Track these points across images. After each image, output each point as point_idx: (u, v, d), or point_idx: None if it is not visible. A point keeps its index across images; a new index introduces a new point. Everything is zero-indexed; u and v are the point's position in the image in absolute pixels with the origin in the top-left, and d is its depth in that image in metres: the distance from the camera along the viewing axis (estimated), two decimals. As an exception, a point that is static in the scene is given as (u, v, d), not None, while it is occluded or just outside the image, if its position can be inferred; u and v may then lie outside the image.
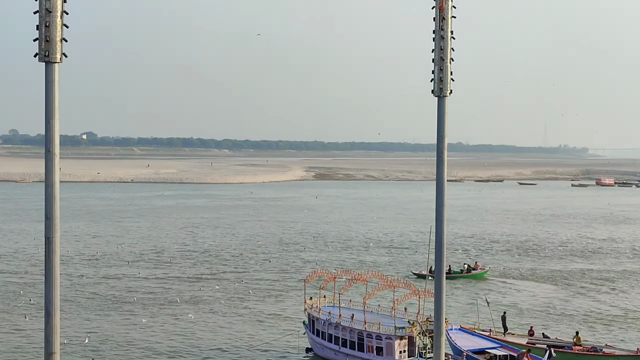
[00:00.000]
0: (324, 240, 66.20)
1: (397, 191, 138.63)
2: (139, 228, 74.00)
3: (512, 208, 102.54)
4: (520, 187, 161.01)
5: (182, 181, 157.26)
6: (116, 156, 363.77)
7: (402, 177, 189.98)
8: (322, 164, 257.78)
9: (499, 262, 55.77)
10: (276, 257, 56.95)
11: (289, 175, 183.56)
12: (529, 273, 51.55)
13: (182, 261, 54.34)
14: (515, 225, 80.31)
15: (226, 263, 54.00)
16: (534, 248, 63.21)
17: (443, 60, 17.08)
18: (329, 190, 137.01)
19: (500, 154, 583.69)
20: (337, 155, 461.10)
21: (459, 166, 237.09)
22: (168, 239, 65.74)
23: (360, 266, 51.89)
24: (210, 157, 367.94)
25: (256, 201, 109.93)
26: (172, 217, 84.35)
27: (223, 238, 67.08)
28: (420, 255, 58.58)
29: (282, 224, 79.15)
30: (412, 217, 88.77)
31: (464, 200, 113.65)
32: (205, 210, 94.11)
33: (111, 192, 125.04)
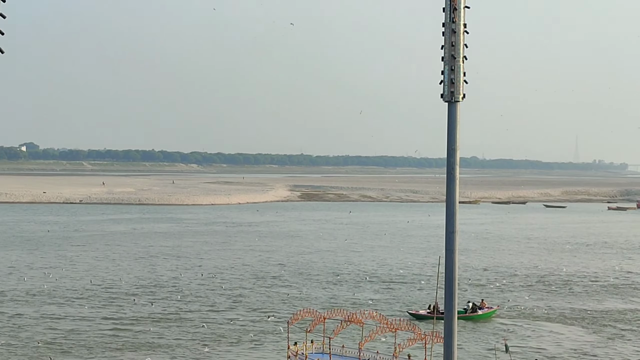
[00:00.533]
0: (308, 274, 66.07)
1: (399, 215, 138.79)
2: (85, 258, 73.67)
3: (536, 235, 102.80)
4: (546, 211, 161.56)
5: (141, 202, 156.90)
6: (62, 172, 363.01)
7: (406, 198, 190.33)
8: (309, 181, 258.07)
9: (517, 299, 55.77)
10: (251, 293, 56.75)
11: (269, 195, 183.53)
12: (554, 313, 51.54)
13: (136, 298, 54.05)
14: (538, 256, 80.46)
15: (190, 300, 53.74)
16: (559, 283, 63.28)
17: (454, 59, 17.14)
18: (317, 214, 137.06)
19: (522, 170, 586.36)
20: (328, 172, 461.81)
21: (474, 185, 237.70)
22: (120, 272, 65.44)
23: (351, 304, 51.78)
24: (175, 173, 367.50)
25: (229, 226, 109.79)
26: (126, 246, 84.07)
27: (186, 270, 66.86)
28: (424, 291, 58.55)
29: (259, 253, 79.02)
30: (416, 246, 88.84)
31: (478, 226, 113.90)
32: (166, 237, 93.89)
33: (55, 215, 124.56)
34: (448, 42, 17.23)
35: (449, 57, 17.34)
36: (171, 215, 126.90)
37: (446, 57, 17.37)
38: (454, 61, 17.31)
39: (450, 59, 17.33)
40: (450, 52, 17.32)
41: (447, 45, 17.34)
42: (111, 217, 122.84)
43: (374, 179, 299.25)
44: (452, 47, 17.29)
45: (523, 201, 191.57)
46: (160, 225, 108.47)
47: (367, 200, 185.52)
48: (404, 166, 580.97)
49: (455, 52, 17.30)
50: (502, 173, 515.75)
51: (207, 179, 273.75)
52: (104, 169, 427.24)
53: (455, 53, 17.31)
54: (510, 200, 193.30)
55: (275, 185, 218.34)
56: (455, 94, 17.25)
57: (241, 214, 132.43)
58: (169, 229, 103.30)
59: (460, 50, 17.30)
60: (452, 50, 17.31)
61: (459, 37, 17.21)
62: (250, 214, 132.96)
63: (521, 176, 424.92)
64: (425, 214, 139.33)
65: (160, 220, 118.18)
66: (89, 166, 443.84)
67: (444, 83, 17.40)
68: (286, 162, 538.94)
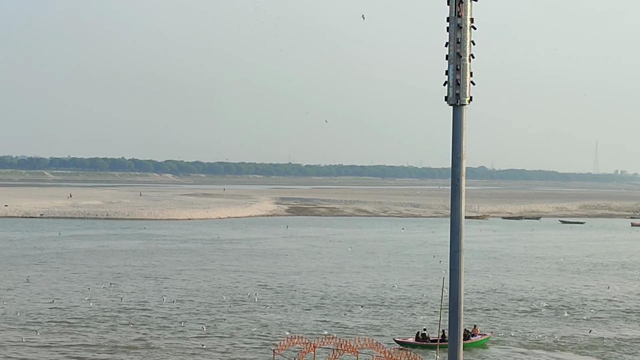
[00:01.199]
0: (292, 296, 65.93)
1: (398, 231, 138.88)
2: (42, 279, 73.36)
3: (549, 255, 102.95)
4: (562, 227, 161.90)
5: (110, 216, 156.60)
6: (21, 182, 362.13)
7: (406, 213, 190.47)
8: (298, 193, 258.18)
9: (520, 325, 55.78)
10: (228, 318, 56.53)
11: (253, 209, 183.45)
12: (560, 341, 51.51)
13: (95, 324, 53.79)
14: (549, 278, 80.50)
15: (157, 326, 53.50)
16: (569, 308, 63.23)
17: (460, 57, 17.16)
18: (306, 230, 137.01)
19: (536, 182, 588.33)
20: (319, 183, 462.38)
21: (482, 198, 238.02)
22: (79, 294, 65.17)
23: (341, 331, 51.68)
24: (148, 184, 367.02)
25: (206, 243, 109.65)
26: (89, 265, 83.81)
27: (155, 293, 66.63)
28: (421, 317, 58.47)
29: (239, 274, 78.86)
30: (415, 266, 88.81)
31: (484, 244, 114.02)
32: (135, 255, 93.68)
33: (11, 230, 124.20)
34: (453, 38, 17.24)
35: (454, 55, 17.38)
36: (142, 231, 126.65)
37: (451, 56, 17.40)
38: (459, 60, 17.36)
39: (456, 57, 17.37)
40: (455, 49, 17.36)
41: (452, 42, 17.36)
42: (75, 233, 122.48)
43: (371, 191, 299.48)
44: (457, 44, 17.33)
45: (537, 216, 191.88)
46: (129, 242, 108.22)
47: (363, 214, 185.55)
48: (404, 177, 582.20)
49: (461, 50, 17.33)
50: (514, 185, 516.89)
51: (184, 191, 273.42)
52: (68, 179, 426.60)
53: (461, 51, 17.35)
54: (523, 215, 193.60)
55: (260, 198, 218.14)
56: (460, 97, 17.28)
57: (221, 230, 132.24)
58: (139, 247, 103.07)
59: (466, 48, 17.33)
60: (457, 48, 17.34)
61: (465, 33, 17.24)
62: (231, 230, 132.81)
63: (535, 188, 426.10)
64: (427, 230, 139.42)
65: (129, 236, 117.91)
66: (51, 176, 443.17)
67: (449, 84, 17.42)
68: (272, 172, 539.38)
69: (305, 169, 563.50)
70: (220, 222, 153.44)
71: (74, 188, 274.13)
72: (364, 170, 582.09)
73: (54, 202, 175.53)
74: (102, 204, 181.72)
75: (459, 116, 17.82)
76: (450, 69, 17.62)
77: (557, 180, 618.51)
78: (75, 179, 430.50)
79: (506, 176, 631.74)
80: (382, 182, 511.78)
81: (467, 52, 17.57)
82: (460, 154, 17.83)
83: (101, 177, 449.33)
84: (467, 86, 17.70)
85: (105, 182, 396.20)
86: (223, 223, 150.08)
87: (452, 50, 17.56)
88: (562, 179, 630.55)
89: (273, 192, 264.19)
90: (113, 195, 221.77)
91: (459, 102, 17.65)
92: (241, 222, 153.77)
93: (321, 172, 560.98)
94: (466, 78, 17.65)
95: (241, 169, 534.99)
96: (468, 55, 17.58)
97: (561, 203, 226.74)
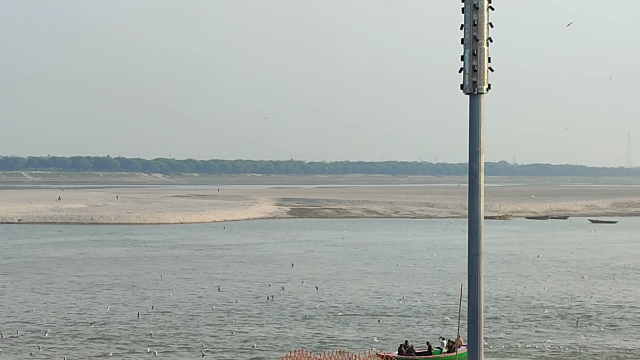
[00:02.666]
0: (280, 307, 65.87)
1: (409, 233, 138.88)
2: (7, 291, 73.49)
3: (574, 258, 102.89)
4: (592, 227, 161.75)
5: (94, 221, 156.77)
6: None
7: (420, 213, 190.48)
8: (301, 193, 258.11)
9: (538, 336, 55.75)
10: (213, 331, 56.45)
11: (252, 211, 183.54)
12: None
13: (66, 339, 53.90)
14: (567, 283, 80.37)
15: (135, 341, 53.55)
16: (593, 316, 63.16)
17: (477, 41, 17.11)
18: (308, 234, 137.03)
19: (563, 177, 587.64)
20: (324, 182, 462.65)
21: (503, 196, 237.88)
22: (49, 308, 65.25)
23: (330, 344, 51.67)
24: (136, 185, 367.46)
25: (197, 249, 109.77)
26: (62, 275, 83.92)
27: (133, 305, 66.61)
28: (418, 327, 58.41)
29: (223, 283, 78.83)
30: (418, 272, 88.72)
31: (503, 247, 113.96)
32: (117, 263, 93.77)
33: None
34: (469, 20, 17.17)
35: (471, 39, 17.31)
36: (128, 237, 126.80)
37: (467, 40, 17.33)
38: (476, 44, 17.28)
39: (472, 41, 17.30)
40: (471, 32, 17.28)
41: (467, 25, 17.29)
42: (54, 239, 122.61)
43: (381, 190, 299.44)
44: (473, 27, 17.26)
45: (564, 215, 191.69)
46: (113, 250, 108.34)
47: (373, 216, 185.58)
48: (417, 174, 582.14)
49: (477, 33, 17.26)
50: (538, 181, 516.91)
51: (176, 192, 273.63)
52: (48, 180, 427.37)
53: (478, 34, 17.27)
54: (548, 214, 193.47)
55: (259, 199, 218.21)
56: (478, 84, 17.21)
57: (215, 235, 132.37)
58: (122, 254, 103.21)
59: (483, 31, 17.26)
60: (474, 31, 17.27)
61: (483, 15, 17.17)
62: (226, 235, 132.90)
63: (561, 185, 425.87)
64: (443, 232, 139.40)
65: (113, 242, 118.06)
66: (29, 177, 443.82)
67: (465, 71, 17.35)
68: (272, 170, 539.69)
69: (309, 166, 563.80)
70: (216, 226, 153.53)
71: (55, 190, 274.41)
72: (373, 167, 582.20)
73: (33, 206, 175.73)
74: (86, 207, 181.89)
75: (477, 106, 17.73)
76: (466, 54, 17.52)
77: (586, 176, 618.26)
78: (57, 180, 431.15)
79: (530, 171, 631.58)
80: (393, 180, 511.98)
81: (484, 35, 17.46)
82: (478, 148, 17.75)
83: (84, 178, 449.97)
84: (485, 73, 17.60)
85: (89, 183, 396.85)
86: (218, 227, 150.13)
87: (468, 33, 17.46)
88: (592, 174, 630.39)
89: (273, 192, 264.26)
90: (98, 197, 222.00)
91: (476, 91, 17.55)
92: (238, 225, 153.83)
93: (326, 170, 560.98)
94: (484, 64, 17.54)
95: (238, 167, 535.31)
96: (485, 38, 17.47)
97: (590, 201, 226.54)
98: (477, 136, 17.64)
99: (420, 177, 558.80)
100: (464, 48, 17.47)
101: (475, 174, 17.64)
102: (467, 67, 17.41)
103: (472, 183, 17.77)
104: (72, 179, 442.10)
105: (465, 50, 17.44)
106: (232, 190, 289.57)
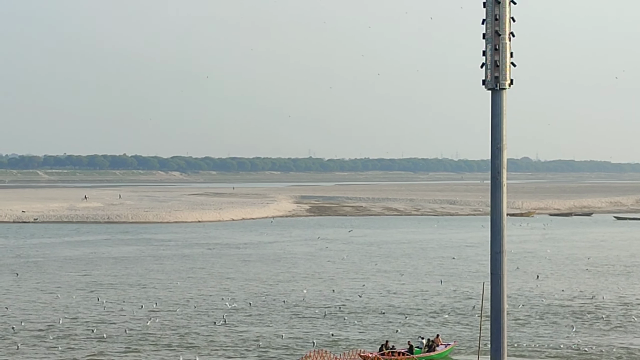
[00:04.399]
0: (282, 306, 65.93)
1: (428, 231, 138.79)
2: (11, 291, 73.92)
3: (594, 255, 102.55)
4: (616, 224, 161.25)
5: (111, 220, 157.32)
6: (12, 183, 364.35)
7: (441, 211, 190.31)
8: (320, 191, 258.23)
9: (546, 335, 55.65)
10: (213, 332, 56.57)
11: (270, 209, 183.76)
12: (594, 351, 51.35)
13: (64, 338, 54.23)
14: (589, 281, 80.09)
15: (135, 341, 53.74)
16: (604, 315, 62.98)
17: (499, 36, 17.13)
18: (324, 232, 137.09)
19: (587, 174, 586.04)
20: (343, 179, 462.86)
21: (526, 193, 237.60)
22: (49, 307, 65.66)
23: (329, 343, 51.81)
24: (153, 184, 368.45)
25: (212, 248, 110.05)
26: (71, 274, 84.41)
27: (130, 304, 66.95)
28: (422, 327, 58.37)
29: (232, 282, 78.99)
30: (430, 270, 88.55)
31: (524, 244, 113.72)
32: (126, 263, 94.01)
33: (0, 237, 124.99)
34: (491, 14, 17.19)
35: (492, 33, 17.33)
36: (143, 236, 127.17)
37: (489, 34, 17.35)
38: (498, 39, 17.29)
39: (494, 35, 17.31)
40: (493, 27, 17.31)
41: (489, 19, 17.32)
42: (69, 238, 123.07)
43: (401, 187, 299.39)
44: (495, 22, 17.28)
45: (588, 212, 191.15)
46: (125, 249, 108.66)
47: (393, 213, 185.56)
48: (439, 170, 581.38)
49: (499, 28, 17.28)
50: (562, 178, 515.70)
51: (193, 190, 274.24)
52: (64, 178, 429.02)
53: (500, 28, 17.29)
54: (572, 211, 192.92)
55: (278, 197, 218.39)
56: (500, 80, 17.22)
57: (233, 233, 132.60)
58: (133, 253, 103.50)
59: (505, 26, 17.27)
60: (495, 26, 17.29)
61: (504, 9, 17.18)
62: (243, 233, 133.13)
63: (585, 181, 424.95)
64: (465, 230, 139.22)
65: (128, 242, 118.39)
66: (45, 176, 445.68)
67: (487, 66, 17.37)
68: (291, 168, 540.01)
69: (328, 163, 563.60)
70: (234, 224, 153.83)
71: (70, 189, 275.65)
72: (394, 164, 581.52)
73: (49, 205, 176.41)
74: (103, 206, 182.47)
75: (499, 102, 17.74)
76: (487, 50, 17.52)
77: (611, 172, 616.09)
78: (72, 178, 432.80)
79: (553, 168, 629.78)
80: (414, 177, 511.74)
81: (506, 30, 17.46)
82: (500, 144, 17.75)
83: (101, 177, 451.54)
84: (507, 68, 17.59)
85: (105, 182, 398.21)
86: (236, 225, 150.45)
87: (489, 28, 17.47)
88: (616, 170, 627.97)
89: (292, 190, 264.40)
90: (114, 196, 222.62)
91: (498, 86, 17.56)
92: (256, 224, 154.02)
93: (345, 167, 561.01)
94: (506, 59, 17.54)
95: (256, 164, 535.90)
96: (507, 33, 17.46)
97: (615, 197, 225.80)
98: (499, 132, 17.65)
99: (441, 174, 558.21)
100: (486, 43, 17.48)
101: (497, 171, 17.64)
102: (489, 62, 17.42)
103: (494, 180, 17.77)
104: (88, 177, 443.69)
105: (487, 45, 17.45)
106: (250, 188, 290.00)
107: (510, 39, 17.37)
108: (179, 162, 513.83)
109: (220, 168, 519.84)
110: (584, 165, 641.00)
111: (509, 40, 17.35)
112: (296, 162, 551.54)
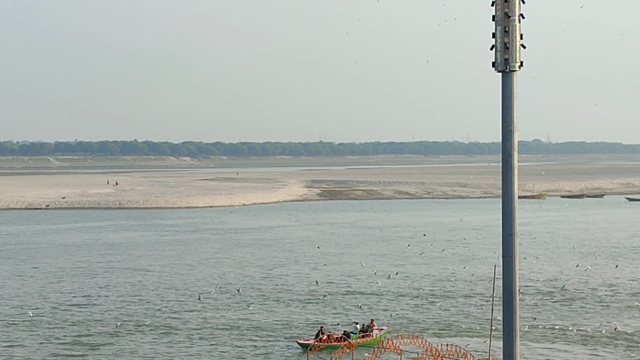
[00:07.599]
0: (273, 291, 66.28)
1: (441, 214, 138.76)
2: (10, 277, 74.37)
3: (598, 237, 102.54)
4: (628, 205, 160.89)
5: (122, 205, 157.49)
6: (23, 170, 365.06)
7: (452, 194, 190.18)
8: (331, 175, 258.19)
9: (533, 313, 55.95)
10: (189, 317, 56.88)
11: (281, 193, 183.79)
12: (570, 331, 51.69)
13: (56, 323, 54.53)
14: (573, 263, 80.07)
15: (135, 326, 54.04)
16: (597, 295, 63.26)
17: (508, 17, 17.08)
18: (334, 216, 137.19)
19: (598, 155, 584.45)
20: (354, 163, 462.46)
21: (537, 175, 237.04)
22: (28, 292, 66.11)
23: (313, 327, 52.10)
24: (164, 169, 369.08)
25: (217, 233, 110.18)
26: (74, 259, 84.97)
27: (122, 289, 67.47)
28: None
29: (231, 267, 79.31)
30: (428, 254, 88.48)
31: (532, 226, 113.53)
32: (128, 248, 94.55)
33: (9, 224, 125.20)
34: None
35: (502, 15, 17.28)
36: (153, 221, 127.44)
37: (498, 16, 17.30)
38: (507, 20, 17.25)
39: (504, 17, 17.26)
40: (503, 9, 17.25)
41: (499, 1, 17.27)
42: (78, 224, 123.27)
43: (412, 171, 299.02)
44: (505, 4, 17.22)
45: (600, 194, 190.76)
46: (132, 234, 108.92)
47: (404, 197, 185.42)
48: (449, 153, 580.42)
49: (509, 10, 17.23)
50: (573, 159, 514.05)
51: (204, 175, 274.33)
52: (75, 165, 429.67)
53: (510, 10, 17.24)
54: (584, 193, 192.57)
55: (289, 181, 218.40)
56: (510, 62, 17.19)
57: (242, 218, 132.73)
58: (139, 239, 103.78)
59: (515, 7, 17.23)
60: (505, 7, 17.24)
61: (514, -10, 17.15)
62: (253, 218, 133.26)
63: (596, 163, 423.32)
64: (476, 212, 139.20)
65: (137, 227, 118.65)
66: (56, 162, 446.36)
67: (496, 49, 17.33)
68: (301, 152, 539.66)
69: (338, 147, 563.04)
70: (244, 209, 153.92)
71: (79, 175, 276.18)
72: (404, 148, 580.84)
73: (60, 192, 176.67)
74: (114, 191, 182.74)
75: (509, 84, 17.71)
76: (497, 31, 17.47)
77: (622, 153, 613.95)
78: (84, 164, 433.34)
79: (564, 150, 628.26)
80: (425, 160, 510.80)
81: (516, 11, 17.42)
82: (511, 127, 17.73)
83: (112, 162, 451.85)
84: (517, 50, 17.55)
85: (116, 167, 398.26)
86: (247, 210, 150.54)
87: (499, 10, 17.42)
88: (628, 152, 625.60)
89: (303, 175, 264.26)
90: (126, 182, 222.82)
91: (508, 68, 17.53)
92: (267, 208, 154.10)
93: (356, 151, 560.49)
94: (516, 41, 17.50)
95: (267, 149, 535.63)
96: (517, 15, 17.42)
97: (627, 178, 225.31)
98: (510, 114, 17.63)
99: (452, 157, 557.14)
100: (496, 25, 17.44)
101: (508, 153, 17.63)
102: (498, 45, 17.39)
103: (505, 162, 17.75)
104: (99, 163, 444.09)
105: (496, 27, 17.41)
106: (261, 173, 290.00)
107: (520, 20, 17.33)
108: (190, 148, 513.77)
109: (231, 153, 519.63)
110: (595, 147, 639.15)
111: (519, 22, 17.31)
112: (307, 147, 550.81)
